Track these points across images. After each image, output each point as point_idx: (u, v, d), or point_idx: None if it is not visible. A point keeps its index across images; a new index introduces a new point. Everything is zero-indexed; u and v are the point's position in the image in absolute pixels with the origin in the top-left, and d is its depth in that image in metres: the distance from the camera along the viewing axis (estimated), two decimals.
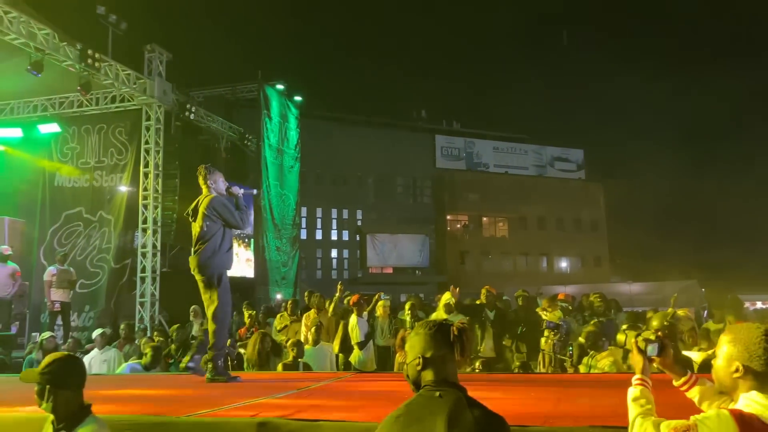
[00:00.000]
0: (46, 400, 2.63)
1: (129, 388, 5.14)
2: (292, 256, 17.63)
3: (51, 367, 2.69)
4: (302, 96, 18.59)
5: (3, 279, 10.56)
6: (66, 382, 2.68)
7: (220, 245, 5.18)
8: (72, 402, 2.67)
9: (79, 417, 2.66)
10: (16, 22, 9.70)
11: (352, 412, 3.45)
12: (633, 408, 2.20)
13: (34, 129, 13.19)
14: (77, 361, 2.93)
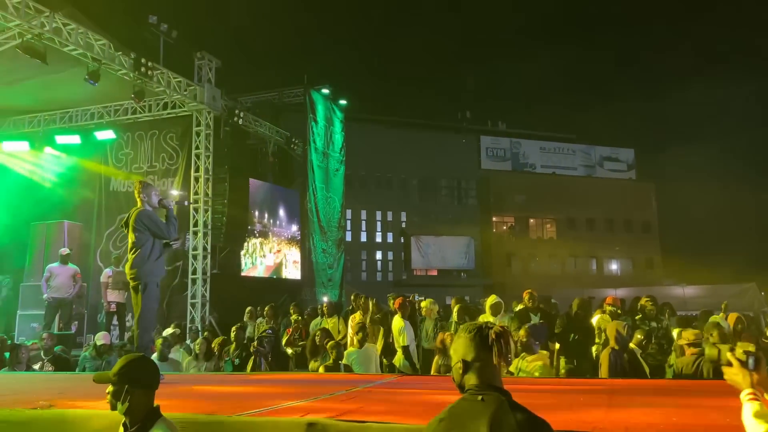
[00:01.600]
0: (122, 402, 2.63)
1: (181, 387, 5.28)
2: (338, 258, 17.78)
3: (127, 367, 2.70)
4: (347, 99, 18.76)
5: (64, 280, 11.00)
6: (140, 383, 2.68)
7: (149, 254, 5.57)
8: (145, 403, 2.68)
9: (151, 418, 2.66)
10: (75, 33, 10.12)
11: (398, 414, 3.46)
12: (759, 424, 2.00)
13: (92, 136, 13.71)
14: (150, 362, 2.95)
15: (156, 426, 2.65)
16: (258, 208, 15.19)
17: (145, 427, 2.64)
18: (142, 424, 2.64)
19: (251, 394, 4.64)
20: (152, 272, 5.58)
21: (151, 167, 13.98)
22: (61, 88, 12.36)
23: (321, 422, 3.15)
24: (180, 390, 5.11)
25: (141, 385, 2.68)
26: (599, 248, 37.85)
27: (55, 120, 14.04)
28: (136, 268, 5.55)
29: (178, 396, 4.57)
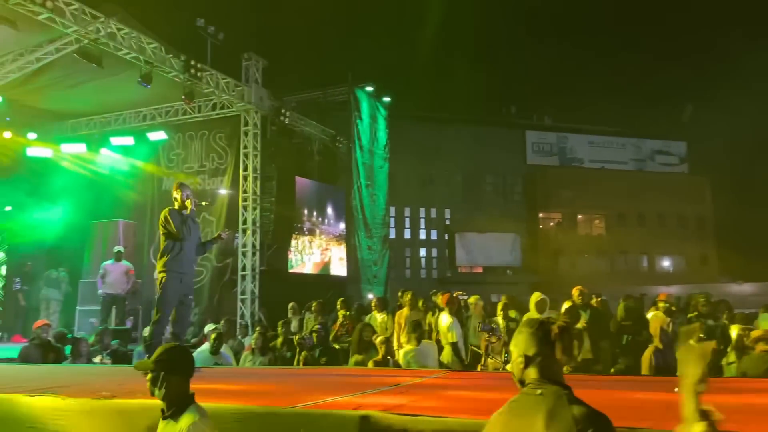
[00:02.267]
0: (159, 387, 2.82)
1: (235, 381, 5.41)
2: (383, 255, 17.85)
3: (163, 356, 2.90)
4: (390, 97, 18.78)
5: (118, 276, 11.40)
6: (176, 370, 2.87)
7: (169, 250, 5.88)
8: (180, 390, 2.85)
9: (185, 404, 2.83)
10: (128, 37, 10.46)
11: (449, 409, 3.46)
12: None
13: (144, 137, 14.14)
14: (186, 351, 3.14)
15: (188, 411, 2.81)
16: (307, 206, 15.40)
17: (179, 412, 2.81)
18: (177, 409, 2.82)
19: (304, 388, 4.71)
20: (169, 267, 5.82)
21: (201, 167, 14.32)
22: (115, 91, 12.78)
23: (374, 415, 3.17)
24: (235, 383, 5.23)
25: (176, 372, 2.87)
26: (650, 244, 36.76)
27: (110, 122, 14.54)
28: (156, 262, 6.06)
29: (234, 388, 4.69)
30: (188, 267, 5.99)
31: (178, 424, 2.78)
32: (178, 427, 2.76)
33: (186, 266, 5.93)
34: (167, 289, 5.76)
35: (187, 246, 5.89)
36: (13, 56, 11.22)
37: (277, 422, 3.34)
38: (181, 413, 2.80)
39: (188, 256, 5.93)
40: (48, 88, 12.58)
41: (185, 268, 5.91)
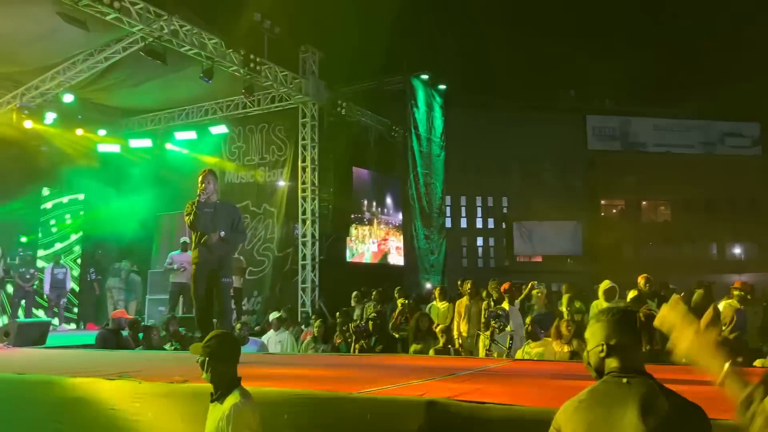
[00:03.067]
0: (206, 371, 2.97)
1: (301, 366, 5.52)
2: (440, 244, 17.78)
3: (211, 341, 3.03)
4: (446, 84, 18.61)
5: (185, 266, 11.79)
6: (222, 356, 2.99)
7: (191, 242, 5.96)
8: (226, 374, 2.97)
9: (230, 387, 2.94)
10: (190, 34, 10.75)
11: (516, 396, 3.42)
12: None
13: (207, 131, 14.53)
14: (233, 337, 3.29)
15: (232, 393, 2.92)
16: (366, 197, 15.51)
17: (225, 394, 2.93)
18: (223, 392, 2.94)
19: (368, 374, 4.75)
20: (195, 259, 5.77)
21: (261, 159, 14.61)
22: (178, 87, 13.19)
23: (441, 402, 3.17)
24: (299, 369, 5.34)
25: (221, 357, 2.98)
26: (720, 231, 35.10)
27: (174, 117, 15.01)
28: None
29: (298, 374, 4.78)
30: (211, 254, 5.71)
31: (222, 407, 2.88)
32: (222, 409, 2.87)
33: (207, 254, 5.70)
34: (194, 281, 5.74)
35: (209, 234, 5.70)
36: (83, 56, 11.76)
37: (344, 408, 3.37)
38: (226, 396, 2.91)
39: (212, 244, 5.71)
40: (116, 86, 13.12)
41: (207, 257, 5.69)
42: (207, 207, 5.71)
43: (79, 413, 4.16)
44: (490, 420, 2.98)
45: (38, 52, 11.48)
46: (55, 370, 5.04)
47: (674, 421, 1.76)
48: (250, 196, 14.51)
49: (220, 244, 5.73)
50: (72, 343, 9.68)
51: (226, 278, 5.74)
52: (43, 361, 6.43)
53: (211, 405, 2.99)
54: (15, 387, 4.55)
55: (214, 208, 5.77)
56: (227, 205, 6.08)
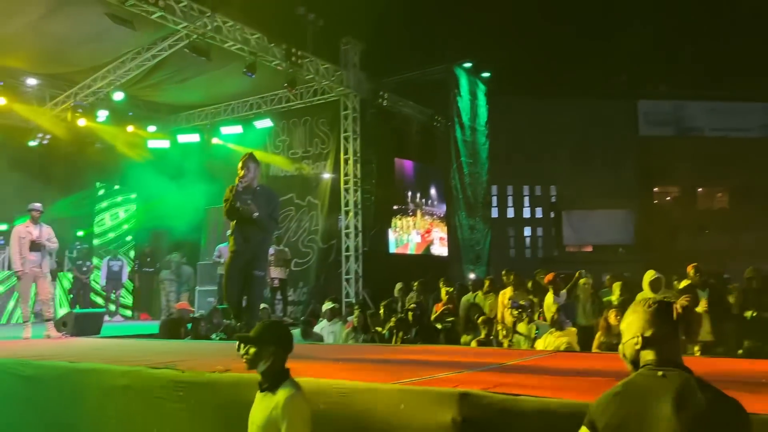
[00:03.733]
0: (261, 361, 2.94)
1: (341, 356, 5.56)
2: (485, 234, 17.61)
3: (266, 331, 3.02)
4: (490, 72, 18.35)
5: None
6: (277, 345, 2.98)
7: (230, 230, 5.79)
8: (278, 364, 2.95)
9: (281, 378, 2.93)
10: (233, 30, 10.93)
11: (553, 389, 3.35)
12: None
13: (251, 125, 14.78)
14: (285, 328, 3.24)
15: (284, 385, 2.89)
16: (410, 188, 15.50)
17: (276, 385, 2.90)
18: (273, 383, 2.91)
19: (404, 365, 4.75)
20: (230, 247, 5.67)
21: (305, 152, 14.76)
22: (223, 82, 13.44)
23: (474, 393, 3.14)
24: (336, 359, 5.38)
25: (277, 347, 2.96)
26: None
27: (220, 112, 15.32)
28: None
29: (335, 364, 4.82)
30: (244, 244, 5.53)
31: (275, 397, 2.87)
32: (275, 400, 2.85)
33: (243, 244, 5.54)
34: (227, 270, 5.63)
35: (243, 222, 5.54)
36: (131, 55, 12.11)
37: (377, 398, 3.38)
38: (278, 387, 2.89)
39: (245, 233, 5.54)
40: (163, 83, 13.48)
41: (243, 247, 5.53)
42: (246, 194, 5.49)
43: (126, 401, 4.31)
44: (523, 412, 2.94)
45: (89, 53, 11.89)
46: (105, 359, 5.24)
47: (710, 416, 1.70)
48: (294, 188, 14.70)
49: (257, 236, 5.54)
50: (126, 332, 10.07)
51: (259, 271, 5.54)
52: (97, 350, 6.68)
53: (260, 394, 2.97)
54: (67, 374, 4.76)
55: (253, 194, 5.56)
56: (267, 191, 5.84)
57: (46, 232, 8.58)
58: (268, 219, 5.59)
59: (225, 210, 5.55)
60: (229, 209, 5.49)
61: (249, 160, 5.65)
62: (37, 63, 12.51)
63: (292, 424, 2.79)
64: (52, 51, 11.79)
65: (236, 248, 5.53)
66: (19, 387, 4.83)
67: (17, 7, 9.85)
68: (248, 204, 5.46)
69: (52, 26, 10.57)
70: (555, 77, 33.38)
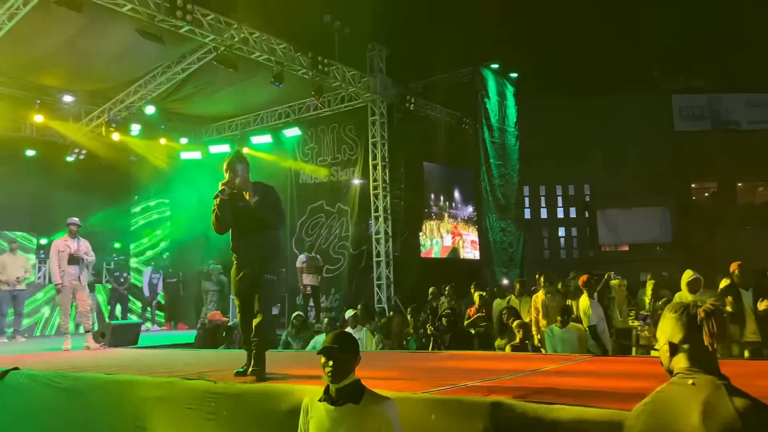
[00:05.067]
0: (347, 372, 2.79)
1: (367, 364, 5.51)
2: (518, 236, 17.38)
3: (346, 342, 2.85)
4: (518, 72, 18.15)
5: None
6: (354, 356, 2.84)
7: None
8: (354, 375, 2.82)
9: (361, 389, 2.78)
10: (260, 40, 11.03)
11: (589, 397, 3.25)
12: None
13: (281, 134, 14.91)
14: (352, 337, 3.03)
15: (368, 395, 2.75)
16: (434, 191, 15.41)
17: (359, 396, 2.74)
18: (356, 394, 2.74)
19: (435, 373, 4.69)
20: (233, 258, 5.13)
21: (334, 159, 14.81)
22: (251, 93, 13.59)
23: (506, 402, 3.07)
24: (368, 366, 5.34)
25: (356, 357, 2.84)
26: None
27: (249, 122, 15.49)
28: None
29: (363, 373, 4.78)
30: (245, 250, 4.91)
31: (366, 408, 2.71)
32: (370, 410, 2.71)
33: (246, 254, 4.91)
34: (234, 285, 5.02)
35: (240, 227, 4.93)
36: (162, 69, 12.35)
37: (407, 408, 3.33)
38: (361, 397, 2.74)
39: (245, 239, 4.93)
40: (193, 95, 13.70)
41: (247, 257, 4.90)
42: (240, 201, 4.82)
43: (160, 412, 4.35)
44: (557, 421, 2.86)
45: (121, 68, 12.17)
46: (140, 370, 5.31)
47: (740, 426, 1.60)
48: (324, 195, 14.78)
49: (262, 242, 4.87)
50: (163, 342, 10.23)
51: (269, 276, 4.86)
52: (134, 360, 6.79)
53: (333, 408, 2.76)
54: (103, 386, 4.84)
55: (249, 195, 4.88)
56: (263, 187, 5.03)
57: (83, 245, 8.78)
58: (271, 209, 4.92)
59: (213, 224, 4.88)
60: (216, 219, 4.82)
61: (235, 161, 4.90)
62: (72, 80, 12.86)
63: (398, 423, 2.72)
64: (85, 68, 12.11)
65: (239, 260, 4.90)
66: (56, 399, 4.93)
67: (52, 27, 10.13)
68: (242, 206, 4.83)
69: (85, 44, 10.85)
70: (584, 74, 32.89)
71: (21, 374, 5.33)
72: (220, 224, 4.84)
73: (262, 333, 4.76)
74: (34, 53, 11.21)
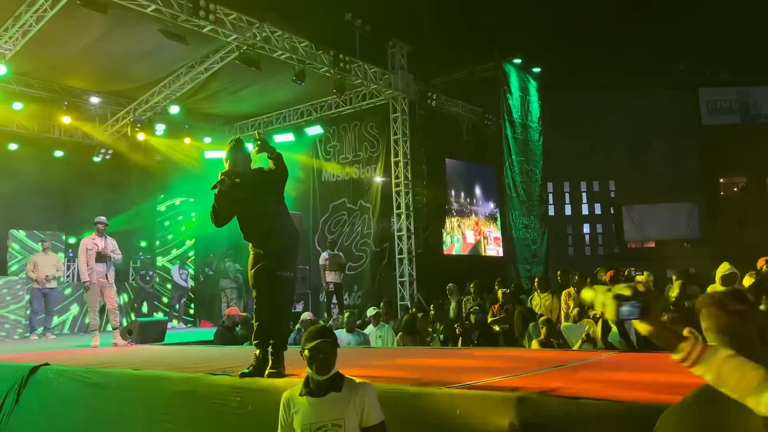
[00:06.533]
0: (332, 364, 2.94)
1: (398, 361, 5.51)
2: (542, 233, 17.22)
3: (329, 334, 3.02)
4: (541, 67, 17.96)
5: None
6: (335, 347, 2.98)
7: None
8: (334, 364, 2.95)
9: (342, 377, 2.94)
10: (281, 39, 11.09)
11: (616, 392, 3.21)
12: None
13: (303, 132, 14.97)
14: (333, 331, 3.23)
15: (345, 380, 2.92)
16: (454, 188, 15.35)
17: (340, 385, 2.91)
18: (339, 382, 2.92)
19: (461, 368, 4.66)
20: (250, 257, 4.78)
21: (355, 156, 14.83)
22: (273, 92, 13.67)
23: (532, 397, 3.04)
24: (392, 363, 5.34)
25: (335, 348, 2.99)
26: None
27: (272, 121, 15.59)
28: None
29: (391, 368, 4.77)
30: (260, 239, 4.59)
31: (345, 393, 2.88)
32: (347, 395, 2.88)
33: (256, 238, 4.62)
34: (252, 283, 4.63)
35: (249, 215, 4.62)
36: (185, 69, 12.48)
37: (433, 403, 3.33)
38: (342, 385, 2.90)
39: (258, 227, 4.60)
40: (217, 95, 13.82)
41: (257, 242, 4.61)
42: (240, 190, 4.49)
43: (187, 406, 4.40)
44: (585, 416, 2.82)
45: (146, 69, 12.33)
46: (167, 366, 5.38)
47: None
48: (346, 193, 14.81)
49: (277, 236, 4.58)
50: (189, 339, 10.35)
51: (286, 272, 4.54)
52: (160, 357, 6.88)
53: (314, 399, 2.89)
54: (130, 381, 4.91)
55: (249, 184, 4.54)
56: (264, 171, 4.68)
57: (110, 243, 8.93)
58: (278, 160, 4.62)
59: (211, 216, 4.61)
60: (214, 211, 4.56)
61: (236, 149, 4.63)
62: (98, 82, 13.08)
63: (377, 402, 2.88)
64: (110, 69, 12.30)
65: (254, 259, 4.58)
66: (87, 393, 5.02)
67: (78, 29, 10.31)
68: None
69: (110, 46, 11.02)
70: (608, 68, 32.47)
71: (51, 370, 5.44)
72: (217, 217, 4.56)
73: (280, 333, 4.58)
74: (62, 55, 11.42)
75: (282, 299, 4.61)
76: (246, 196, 4.53)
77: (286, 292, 4.64)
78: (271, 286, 4.49)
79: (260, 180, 4.62)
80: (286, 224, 4.76)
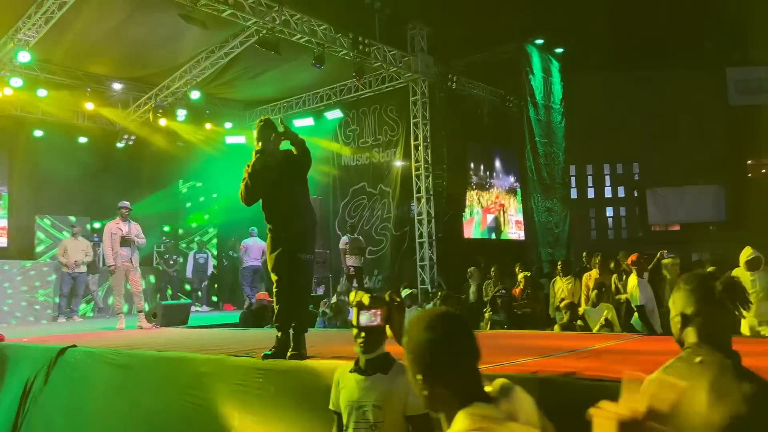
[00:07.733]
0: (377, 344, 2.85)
1: None
2: (564, 216, 17.04)
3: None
4: (564, 47, 17.63)
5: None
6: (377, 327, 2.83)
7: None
8: (381, 344, 2.86)
9: (391, 359, 2.84)
10: (300, 22, 11.04)
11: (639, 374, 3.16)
12: None
13: (323, 116, 14.94)
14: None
15: (397, 365, 2.77)
16: (474, 162, 15.32)
17: (389, 366, 2.81)
18: (387, 364, 2.82)
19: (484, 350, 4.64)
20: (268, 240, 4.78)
21: (375, 140, 14.78)
22: (293, 76, 13.63)
23: (555, 379, 3.02)
24: None
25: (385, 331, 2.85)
26: None
27: (292, 105, 15.58)
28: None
29: None
30: (282, 221, 4.59)
31: (391, 377, 2.78)
32: (394, 379, 2.75)
33: (278, 220, 4.61)
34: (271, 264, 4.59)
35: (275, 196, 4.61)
36: (205, 54, 12.52)
37: None
38: (390, 367, 2.81)
39: (282, 209, 4.62)
40: (237, 80, 13.85)
41: (279, 224, 4.61)
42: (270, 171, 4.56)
43: (210, 387, 4.46)
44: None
45: (166, 54, 12.39)
46: (191, 348, 5.45)
47: (745, 411, 1.50)
48: (366, 177, 14.79)
49: (299, 219, 4.62)
50: (212, 322, 10.48)
51: (305, 255, 4.56)
52: (184, 339, 6.98)
53: (363, 377, 2.82)
54: (156, 362, 4.99)
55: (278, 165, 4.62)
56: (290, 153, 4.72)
57: (134, 228, 9.05)
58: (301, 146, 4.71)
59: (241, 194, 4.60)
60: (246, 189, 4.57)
61: (266, 128, 4.68)
62: (120, 68, 13.17)
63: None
64: (132, 55, 12.38)
65: (273, 241, 4.57)
66: (113, 374, 5.12)
67: (98, 16, 10.38)
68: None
69: (131, 31, 11.08)
70: (632, 48, 31.76)
71: (79, 351, 5.55)
72: (249, 195, 4.57)
73: (300, 316, 4.58)
74: (84, 42, 11.51)
75: (303, 281, 4.62)
76: (275, 177, 4.58)
77: (306, 274, 4.65)
78: (291, 269, 4.49)
79: (288, 162, 4.68)
80: (307, 208, 4.82)
